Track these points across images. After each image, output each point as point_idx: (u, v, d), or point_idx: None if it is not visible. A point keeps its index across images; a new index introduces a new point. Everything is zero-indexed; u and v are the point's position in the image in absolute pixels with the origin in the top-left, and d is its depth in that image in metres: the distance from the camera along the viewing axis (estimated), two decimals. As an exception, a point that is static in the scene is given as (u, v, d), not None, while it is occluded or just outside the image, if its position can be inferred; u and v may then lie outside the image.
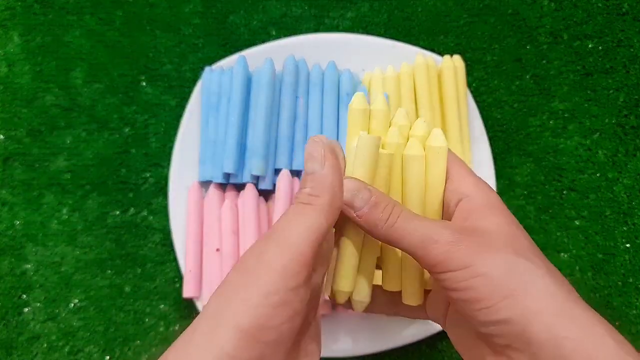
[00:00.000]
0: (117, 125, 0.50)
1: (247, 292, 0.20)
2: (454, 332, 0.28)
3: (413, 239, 0.24)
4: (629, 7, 0.52)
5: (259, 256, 0.21)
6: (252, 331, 0.19)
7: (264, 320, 0.19)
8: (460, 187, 0.26)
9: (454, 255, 0.23)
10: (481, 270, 0.23)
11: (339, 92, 0.45)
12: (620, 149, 0.50)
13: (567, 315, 0.22)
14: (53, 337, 0.46)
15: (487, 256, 0.23)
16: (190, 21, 0.51)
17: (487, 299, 0.22)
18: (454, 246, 0.23)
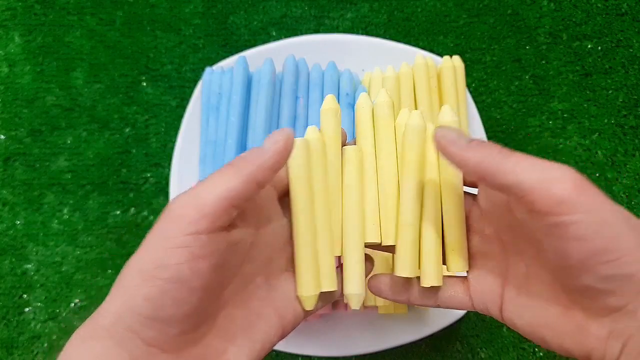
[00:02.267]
0: (118, 126, 0.50)
1: (150, 240, 0.21)
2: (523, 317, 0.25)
3: (531, 173, 0.21)
4: (628, 8, 0.52)
5: (168, 207, 0.22)
6: (150, 270, 0.20)
7: (160, 261, 0.20)
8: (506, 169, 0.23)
9: (583, 195, 0.21)
10: (609, 218, 0.21)
11: (339, 92, 0.45)
12: (619, 149, 0.50)
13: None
14: (54, 336, 0.46)
15: (613, 207, 0.21)
16: (190, 22, 0.52)
17: (616, 250, 0.21)
18: (581, 186, 0.21)
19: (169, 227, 0.21)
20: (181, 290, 0.21)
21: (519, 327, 0.25)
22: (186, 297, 0.21)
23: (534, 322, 0.24)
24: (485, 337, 0.46)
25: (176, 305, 0.21)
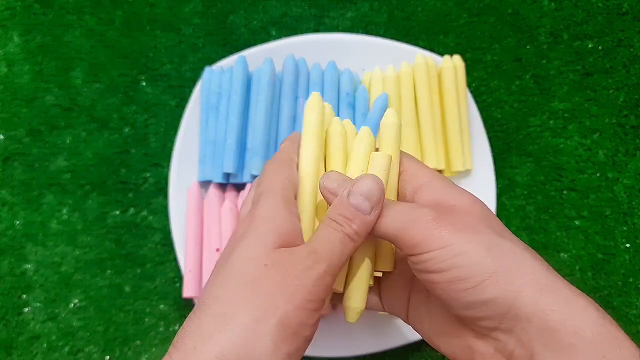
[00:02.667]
0: (117, 125, 0.50)
1: (294, 295, 0.23)
2: (423, 324, 0.27)
3: (392, 222, 0.24)
4: (629, 7, 0.52)
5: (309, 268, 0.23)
6: (293, 326, 0.22)
7: (304, 320, 0.23)
8: (417, 177, 0.27)
9: (434, 234, 0.23)
10: (463, 248, 0.22)
11: (339, 91, 0.45)
12: (620, 148, 0.50)
13: (551, 288, 0.22)
14: (53, 337, 0.46)
15: (468, 234, 0.23)
16: (190, 21, 0.51)
17: (472, 278, 0.22)
18: (433, 224, 0.23)
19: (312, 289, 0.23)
20: (305, 348, 0.24)
21: (419, 331, 0.27)
22: (302, 354, 0.24)
23: (431, 331, 0.26)
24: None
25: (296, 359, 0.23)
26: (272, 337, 0.22)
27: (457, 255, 0.22)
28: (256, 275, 0.23)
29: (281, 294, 0.22)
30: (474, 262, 0.22)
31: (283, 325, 0.22)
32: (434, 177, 0.26)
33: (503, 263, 0.22)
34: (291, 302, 0.22)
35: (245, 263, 0.23)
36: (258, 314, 0.22)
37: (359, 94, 0.45)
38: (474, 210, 0.24)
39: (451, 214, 0.24)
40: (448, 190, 0.25)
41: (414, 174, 0.27)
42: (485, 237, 0.23)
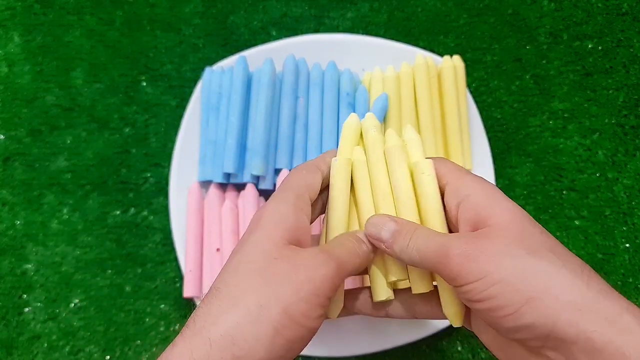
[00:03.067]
0: (118, 125, 0.50)
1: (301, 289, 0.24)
2: (483, 335, 0.28)
3: (429, 257, 0.25)
4: (628, 7, 0.52)
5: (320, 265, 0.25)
6: (297, 316, 0.23)
7: (308, 312, 0.24)
8: (458, 189, 0.27)
9: (468, 267, 0.24)
10: (497, 277, 0.23)
11: (339, 92, 0.45)
12: (620, 148, 0.50)
13: (590, 309, 0.22)
14: (53, 336, 0.46)
15: (502, 262, 0.23)
16: (190, 21, 0.51)
17: (509, 306, 0.23)
18: (466, 258, 0.24)
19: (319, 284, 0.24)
20: (308, 339, 0.24)
21: (482, 340, 0.28)
22: (306, 343, 0.24)
23: (490, 343, 0.27)
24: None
25: (299, 350, 0.24)
26: (274, 323, 0.23)
27: (493, 286, 0.23)
28: (265, 266, 0.24)
29: (288, 284, 0.24)
30: (509, 290, 0.23)
31: (286, 314, 0.23)
32: (475, 189, 0.26)
33: (538, 288, 0.22)
34: (297, 294, 0.23)
35: (256, 255, 0.25)
36: (264, 300, 0.23)
37: (359, 94, 0.45)
38: (511, 229, 0.24)
39: (486, 237, 0.24)
40: (488, 203, 0.25)
41: (456, 187, 0.27)
42: (520, 262, 0.23)
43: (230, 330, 0.22)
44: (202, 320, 0.23)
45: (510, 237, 0.24)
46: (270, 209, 0.26)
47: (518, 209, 0.25)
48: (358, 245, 0.27)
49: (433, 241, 0.25)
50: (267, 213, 0.26)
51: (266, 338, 0.23)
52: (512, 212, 0.25)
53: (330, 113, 0.45)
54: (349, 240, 0.27)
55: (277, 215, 0.26)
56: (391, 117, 0.44)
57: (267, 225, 0.26)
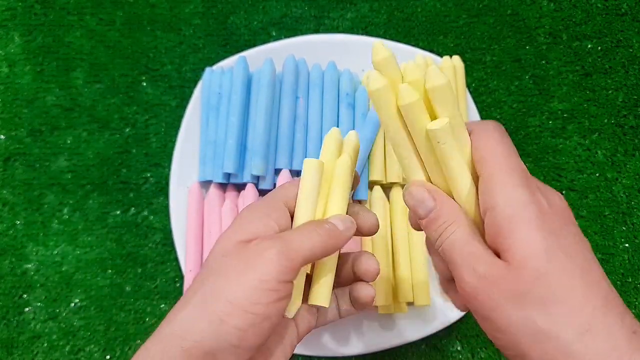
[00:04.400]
0: (118, 126, 0.50)
1: (245, 277, 0.24)
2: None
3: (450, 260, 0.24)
4: (628, 8, 0.52)
5: (263, 251, 0.25)
6: (244, 304, 0.24)
7: (255, 299, 0.24)
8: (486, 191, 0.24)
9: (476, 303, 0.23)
10: (500, 325, 0.22)
11: (338, 92, 0.45)
12: (619, 149, 0.50)
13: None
14: (54, 336, 0.46)
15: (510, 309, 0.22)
16: (190, 22, 0.52)
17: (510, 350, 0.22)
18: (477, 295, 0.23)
19: (264, 269, 0.24)
20: (264, 325, 0.24)
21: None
22: (265, 331, 0.25)
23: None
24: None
25: (257, 336, 0.24)
26: (218, 313, 0.24)
27: (496, 331, 0.23)
28: (216, 266, 0.26)
29: (232, 275, 0.25)
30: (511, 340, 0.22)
31: (229, 302, 0.24)
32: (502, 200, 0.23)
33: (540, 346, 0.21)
34: (240, 283, 0.24)
35: (212, 256, 0.27)
36: (207, 295, 0.25)
37: (358, 95, 0.45)
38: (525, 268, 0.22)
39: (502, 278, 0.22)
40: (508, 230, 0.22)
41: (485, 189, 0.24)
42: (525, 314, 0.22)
43: (178, 326, 0.24)
44: (163, 322, 0.25)
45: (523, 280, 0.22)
46: (238, 217, 0.28)
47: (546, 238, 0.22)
48: (316, 227, 0.26)
49: (461, 251, 0.24)
50: (234, 221, 0.28)
51: (211, 328, 0.24)
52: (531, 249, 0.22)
53: (330, 113, 0.45)
54: (306, 225, 0.27)
55: (243, 220, 0.27)
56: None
57: (229, 230, 0.27)
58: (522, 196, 0.23)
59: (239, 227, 0.27)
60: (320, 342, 0.43)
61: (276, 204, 0.28)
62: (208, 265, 0.26)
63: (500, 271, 0.22)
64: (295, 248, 0.25)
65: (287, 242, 0.26)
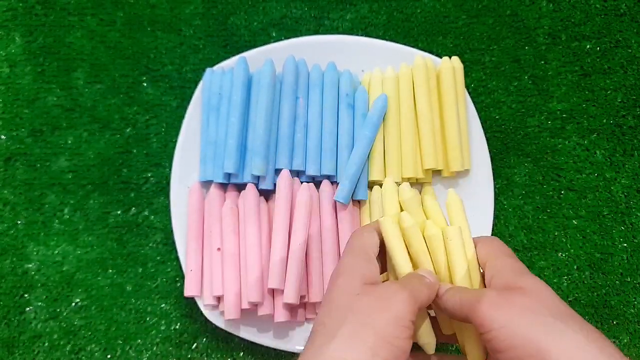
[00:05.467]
0: (119, 126, 0.50)
1: (385, 314, 0.27)
2: None
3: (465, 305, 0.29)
4: (626, 8, 0.52)
5: (395, 293, 0.28)
6: (388, 337, 0.27)
7: (397, 333, 0.27)
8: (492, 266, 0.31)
9: (495, 315, 0.27)
10: (519, 330, 0.26)
11: (338, 92, 0.46)
12: (618, 149, 0.50)
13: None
14: (55, 336, 0.46)
15: (525, 316, 0.26)
16: (191, 22, 0.52)
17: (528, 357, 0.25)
18: (494, 307, 0.27)
19: (400, 308, 0.28)
20: (403, 358, 0.27)
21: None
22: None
23: None
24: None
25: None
26: (369, 344, 0.26)
27: (514, 337, 0.26)
28: (351, 301, 0.28)
29: (375, 311, 0.28)
30: (528, 345, 0.25)
31: (378, 336, 0.27)
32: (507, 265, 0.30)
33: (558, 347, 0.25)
34: (383, 317, 0.27)
35: (342, 295, 0.29)
36: (357, 327, 0.27)
37: (358, 95, 0.45)
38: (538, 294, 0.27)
39: (516, 294, 0.28)
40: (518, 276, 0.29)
41: (491, 265, 0.31)
42: (541, 320, 0.26)
43: (331, 357, 0.26)
44: (308, 354, 0.27)
45: (536, 300, 0.27)
46: (345, 263, 0.31)
47: (544, 283, 0.29)
48: (423, 278, 0.31)
49: (470, 292, 0.30)
50: (344, 266, 0.31)
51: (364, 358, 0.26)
52: (539, 283, 0.28)
53: (330, 113, 0.45)
54: (415, 274, 0.32)
55: (352, 266, 0.31)
56: (390, 117, 0.45)
57: (346, 273, 0.30)
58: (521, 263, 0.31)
59: (354, 271, 0.30)
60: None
61: (367, 254, 0.32)
62: (338, 302, 0.29)
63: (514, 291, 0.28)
64: (417, 295, 0.29)
65: (411, 288, 0.29)
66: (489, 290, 0.29)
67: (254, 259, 0.42)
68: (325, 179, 0.45)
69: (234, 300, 0.42)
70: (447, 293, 0.31)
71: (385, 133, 0.45)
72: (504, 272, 0.30)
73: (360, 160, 0.43)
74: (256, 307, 0.42)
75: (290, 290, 0.40)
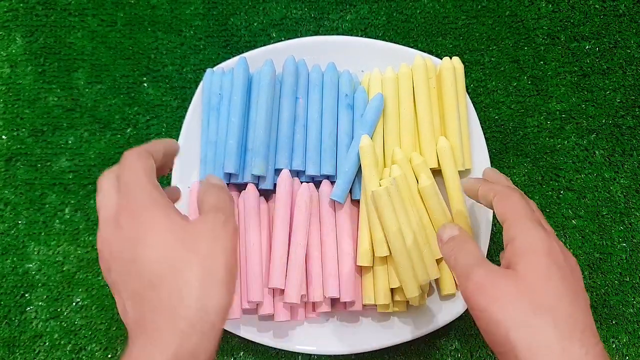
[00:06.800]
0: (119, 126, 0.50)
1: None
2: None
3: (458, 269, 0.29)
4: (625, 9, 0.52)
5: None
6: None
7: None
8: (509, 229, 0.29)
9: (478, 297, 0.27)
10: (495, 318, 0.26)
11: (338, 93, 0.46)
12: (617, 149, 0.50)
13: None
14: (55, 335, 0.46)
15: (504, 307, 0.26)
16: (191, 23, 0.52)
17: (498, 345, 0.26)
18: (479, 289, 0.27)
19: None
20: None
21: None
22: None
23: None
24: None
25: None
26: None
27: (489, 324, 0.26)
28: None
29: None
30: (501, 334, 0.25)
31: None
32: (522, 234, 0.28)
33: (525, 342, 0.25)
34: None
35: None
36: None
37: (358, 95, 0.46)
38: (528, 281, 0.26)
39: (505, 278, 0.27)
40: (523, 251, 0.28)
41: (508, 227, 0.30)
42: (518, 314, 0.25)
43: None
44: None
45: (524, 287, 0.26)
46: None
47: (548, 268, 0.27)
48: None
49: (467, 260, 0.29)
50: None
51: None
52: (538, 269, 0.27)
53: (330, 114, 0.45)
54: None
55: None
56: (390, 118, 0.45)
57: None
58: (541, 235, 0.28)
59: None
60: (320, 341, 0.44)
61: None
62: None
63: (505, 272, 0.27)
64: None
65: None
66: (480, 268, 0.28)
67: (255, 258, 0.42)
68: (325, 179, 0.45)
69: (235, 300, 0.42)
70: (447, 244, 0.32)
71: (385, 133, 0.45)
72: (517, 243, 0.28)
73: (356, 159, 0.43)
74: (256, 306, 0.43)
75: (291, 290, 0.41)
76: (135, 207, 0.25)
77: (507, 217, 0.30)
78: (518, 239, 0.28)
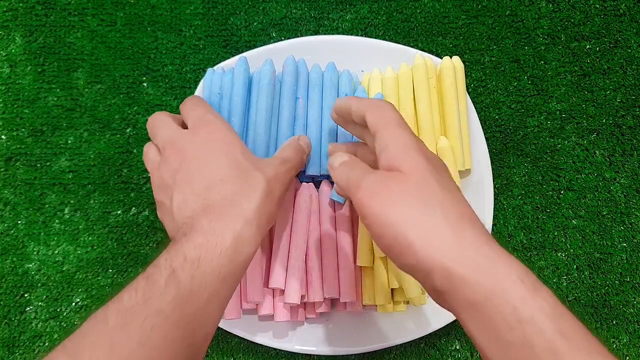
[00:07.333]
0: (119, 126, 0.50)
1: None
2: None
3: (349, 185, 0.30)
4: (626, 9, 0.52)
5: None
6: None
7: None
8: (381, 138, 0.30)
9: (370, 203, 0.27)
10: (389, 220, 0.26)
11: (338, 92, 0.46)
12: (617, 149, 0.50)
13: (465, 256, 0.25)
14: (55, 335, 0.46)
15: (395, 206, 0.27)
16: (191, 22, 0.52)
17: (396, 247, 0.26)
18: (371, 194, 0.28)
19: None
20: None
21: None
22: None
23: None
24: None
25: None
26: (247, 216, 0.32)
27: (385, 226, 0.26)
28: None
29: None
30: (396, 233, 0.26)
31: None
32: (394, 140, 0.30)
33: (421, 235, 0.26)
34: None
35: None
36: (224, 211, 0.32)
37: (357, 95, 0.46)
38: (413, 179, 0.28)
39: (393, 180, 0.28)
40: (401, 156, 0.29)
41: (380, 137, 0.30)
42: (409, 211, 0.26)
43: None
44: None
45: (412, 185, 0.27)
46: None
47: (427, 164, 0.28)
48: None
49: (357, 174, 0.30)
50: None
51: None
52: (419, 165, 0.28)
53: (330, 113, 0.45)
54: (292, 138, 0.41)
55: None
56: (390, 117, 0.45)
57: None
58: (412, 140, 0.30)
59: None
60: (320, 341, 0.44)
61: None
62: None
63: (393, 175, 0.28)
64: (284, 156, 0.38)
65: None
66: (370, 175, 0.29)
67: (255, 259, 0.42)
68: (325, 179, 0.45)
69: (234, 300, 0.42)
70: (338, 168, 0.32)
71: (385, 133, 0.45)
72: (391, 148, 0.29)
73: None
74: (256, 307, 0.43)
75: (291, 290, 0.41)
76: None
77: (379, 126, 0.31)
78: (393, 144, 0.29)
